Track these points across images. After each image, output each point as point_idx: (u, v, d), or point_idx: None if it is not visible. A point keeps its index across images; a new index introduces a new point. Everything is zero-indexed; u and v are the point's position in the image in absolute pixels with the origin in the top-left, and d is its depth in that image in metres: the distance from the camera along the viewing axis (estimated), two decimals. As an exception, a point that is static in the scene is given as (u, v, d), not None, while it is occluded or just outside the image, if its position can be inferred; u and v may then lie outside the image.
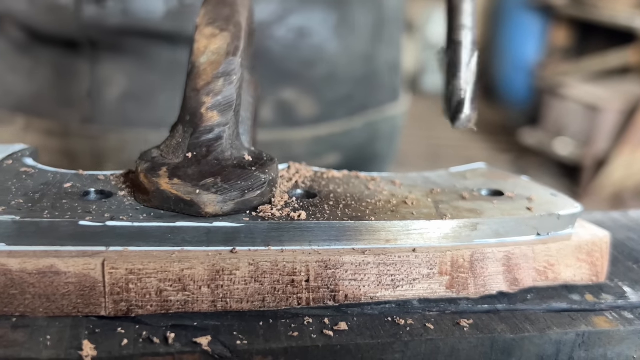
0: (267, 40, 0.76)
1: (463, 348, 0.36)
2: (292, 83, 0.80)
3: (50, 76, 0.77)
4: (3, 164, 0.42)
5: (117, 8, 0.71)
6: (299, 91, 0.81)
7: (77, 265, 0.34)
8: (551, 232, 0.43)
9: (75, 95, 0.77)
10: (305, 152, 0.84)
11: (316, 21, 0.79)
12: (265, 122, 0.79)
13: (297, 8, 0.78)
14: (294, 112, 0.82)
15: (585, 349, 0.38)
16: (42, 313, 0.35)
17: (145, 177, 0.38)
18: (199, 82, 0.39)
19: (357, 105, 0.88)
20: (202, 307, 0.36)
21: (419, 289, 0.39)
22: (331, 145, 0.86)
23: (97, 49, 0.74)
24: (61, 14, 0.72)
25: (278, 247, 0.38)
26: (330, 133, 0.85)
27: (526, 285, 0.42)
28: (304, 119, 0.83)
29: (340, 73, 0.84)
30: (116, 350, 0.32)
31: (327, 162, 0.85)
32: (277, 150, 0.76)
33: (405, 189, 0.45)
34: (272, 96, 0.79)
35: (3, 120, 0.79)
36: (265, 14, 0.76)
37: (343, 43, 0.82)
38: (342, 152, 0.87)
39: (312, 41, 0.79)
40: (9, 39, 0.77)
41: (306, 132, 0.83)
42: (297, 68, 0.80)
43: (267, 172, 0.39)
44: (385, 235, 0.39)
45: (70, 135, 0.77)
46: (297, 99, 0.81)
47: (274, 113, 0.80)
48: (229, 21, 0.41)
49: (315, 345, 0.34)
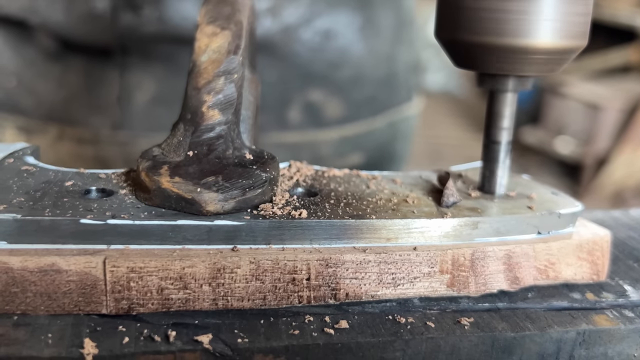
0: (295, 43, 0.78)
1: (464, 346, 0.36)
2: (319, 84, 0.82)
3: (80, 83, 0.77)
4: (4, 162, 0.42)
5: (152, 16, 0.72)
6: (326, 92, 0.82)
7: (78, 264, 0.34)
8: (552, 230, 0.43)
9: (105, 102, 0.78)
10: (332, 152, 0.85)
11: (342, 24, 0.81)
12: (294, 124, 0.81)
13: (324, 11, 0.79)
14: (322, 113, 0.83)
15: (585, 348, 0.38)
16: (43, 311, 0.35)
17: (146, 176, 0.38)
18: (200, 80, 0.39)
19: (379, 106, 0.89)
20: (203, 305, 0.36)
21: (420, 288, 0.39)
22: (356, 145, 0.88)
23: (128, 55, 0.75)
24: (97, 23, 0.73)
25: (279, 245, 0.38)
26: (356, 133, 0.87)
27: (527, 284, 0.42)
28: (331, 119, 0.84)
29: (365, 74, 0.85)
30: (117, 348, 0.32)
31: (352, 161, 0.87)
32: (306, 151, 0.80)
33: (406, 188, 0.45)
34: (300, 98, 0.81)
35: (37, 130, 0.79)
36: (293, 17, 0.77)
37: (368, 44, 0.84)
38: (365, 152, 0.89)
39: (338, 43, 0.81)
40: (41, 48, 0.77)
41: (333, 133, 0.85)
42: (323, 70, 0.81)
43: (268, 171, 0.39)
44: (386, 234, 0.39)
45: (101, 142, 0.78)
46: (324, 100, 0.82)
47: (302, 114, 0.82)
48: (229, 20, 0.41)
49: (316, 343, 0.34)
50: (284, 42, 0.77)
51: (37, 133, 0.79)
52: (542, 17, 0.39)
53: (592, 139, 2.96)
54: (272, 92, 0.79)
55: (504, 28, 0.39)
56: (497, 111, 0.44)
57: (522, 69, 0.41)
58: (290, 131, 0.82)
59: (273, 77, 0.79)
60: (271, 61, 0.78)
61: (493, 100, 0.44)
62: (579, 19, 0.40)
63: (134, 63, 0.76)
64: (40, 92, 0.79)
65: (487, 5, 0.39)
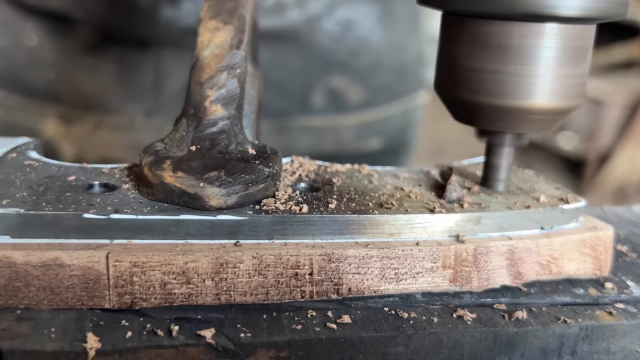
0: (317, 33, 0.82)
1: (466, 341, 0.36)
2: (341, 71, 0.85)
3: (116, 73, 0.80)
4: (7, 157, 0.42)
5: (192, 9, 0.75)
6: (347, 79, 0.86)
7: (81, 258, 0.34)
8: (555, 226, 0.43)
9: (139, 90, 0.80)
10: (352, 136, 0.90)
11: (362, 14, 0.85)
12: (317, 109, 0.86)
13: (345, 2, 0.83)
14: (343, 98, 0.87)
15: (588, 343, 0.38)
16: (46, 305, 0.35)
17: (149, 170, 0.38)
18: (202, 75, 0.39)
19: (395, 93, 0.94)
20: (206, 300, 0.36)
21: (423, 283, 0.39)
22: (375, 130, 0.92)
23: (163, 46, 0.78)
24: (139, 16, 0.76)
25: (282, 240, 0.38)
26: (375, 119, 0.91)
27: (529, 279, 0.42)
28: (352, 105, 0.88)
29: (383, 62, 0.90)
30: (120, 343, 0.32)
31: (371, 146, 0.91)
32: (329, 135, 0.85)
33: (409, 183, 0.45)
34: (323, 84, 0.84)
35: (76, 119, 0.81)
36: (317, 8, 0.81)
37: (385, 34, 0.88)
38: (383, 137, 0.93)
39: (358, 32, 0.85)
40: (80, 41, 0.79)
41: (354, 118, 0.89)
42: (344, 57, 0.85)
43: (270, 166, 0.39)
44: (388, 229, 0.39)
45: (136, 130, 0.81)
46: (345, 86, 0.86)
47: (325, 100, 0.86)
48: (232, 14, 0.41)
49: (318, 338, 0.34)
50: (308, 32, 0.82)
51: (77, 122, 0.81)
52: (539, 80, 0.40)
53: (595, 134, 2.95)
54: (296, 78, 0.83)
55: (502, 90, 0.40)
56: (494, 164, 0.45)
57: (519, 127, 0.42)
58: (314, 116, 0.86)
59: (297, 65, 0.83)
60: (295, 50, 0.82)
61: (491, 152, 0.45)
62: (576, 81, 0.41)
63: (168, 54, 0.78)
64: (78, 83, 0.81)
65: (485, 67, 0.40)
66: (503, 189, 0.45)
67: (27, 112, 0.82)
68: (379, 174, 0.46)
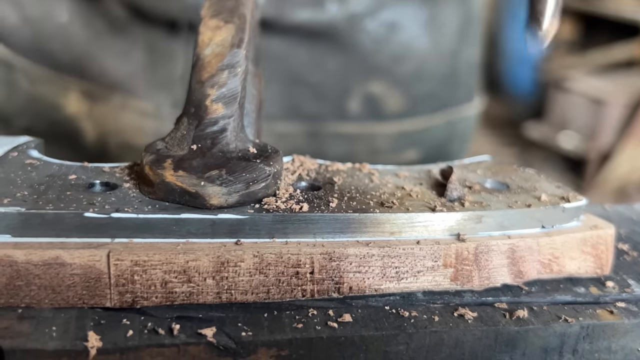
0: (359, 33, 0.77)
1: (467, 340, 0.36)
2: (381, 77, 0.81)
3: (145, 58, 0.77)
4: (8, 156, 0.42)
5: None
6: (387, 85, 0.81)
7: (82, 257, 0.34)
8: (556, 224, 0.43)
9: (168, 79, 0.78)
10: (388, 146, 0.84)
11: (407, 16, 0.80)
12: (353, 115, 0.81)
13: (390, 3, 0.78)
14: (382, 106, 0.82)
15: (589, 342, 0.38)
16: (47, 304, 0.35)
17: (150, 169, 0.38)
18: (203, 74, 0.39)
19: (439, 103, 0.88)
20: (207, 299, 0.36)
21: (423, 281, 0.39)
22: (413, 141, 0.86)
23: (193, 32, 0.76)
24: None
25: (283, 239, 0.38)
26: (414, 129, 0.86)
27: (530, 278, 0.42)
28: (390, 113, 0.83)
29: (427, 69, 0.84)
30: (121, 342, 0.32)
31: (408, 157, 0.86)
32: (363, 144, 0.80)
33: (410, 182, 0.45)
34: (361, 89, 0.80)
35: (100, 97, 0.79)
36: (360, 6, 0.76)
37: (431, 40, 0.83)
38: (422, 149, 0.88)
39: (402, 36, 0.80)
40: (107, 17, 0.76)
41: (392, 127, 0.84)
42: (386, 62, 0.80)
43: (271, 165, 0.39)
44: (389, 228, 0.39)
45: (163, 118, 0.78)
46: (384, 93, 0.81)
47: (362, 106, 0.81)
48: (233, 13, 0.41)
49: (319, 336, 0.34)
50: (349, 31, 0.77)
51: (101, 100, 0.79)
52: None
53: (596, 133, 2.95)
54: (333, 81, 0.79)
55: None
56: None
57: None
58: (349, 122, 0.81)
59: (334, 66, 0.78)
60: (334, 50, 0.78)
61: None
62: None
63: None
64: (106, 63, 0.79)
65: None
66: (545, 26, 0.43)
67: (50, 84, 0.79)
68: (379, 173, 0.46)
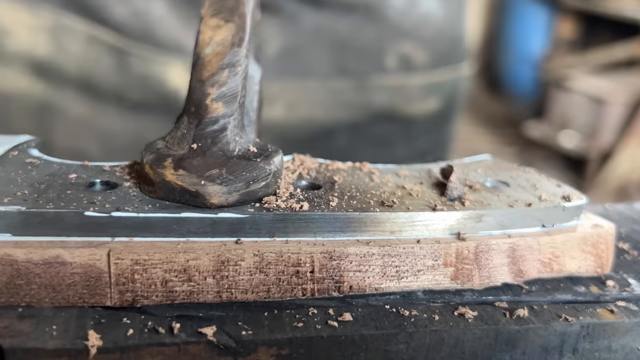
0: (387, 7, 0.98)
1: (467, 339, 0.36)
2: (409, 39, 1.01)
3: None
4: (8, 154, 0.42)
5: None
6: (415, 45, 1.02)
7: (82, 256, 0.34)
8: (556, 223, 0.43)
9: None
10: (418, 95, 1.04)
11: None
12: (389, 70, 1.01)
13: None
14: (411, 61, 1.02)
15: (589, 341, 0.38)
16: (47, 303, 0.35)
17: (150, 168, 0.38)
18: (203, 73, 0.39)
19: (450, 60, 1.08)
20: (207, 298, 0.36)
21: (424, 280, 0.39)
22: (436, 90, 1.07)
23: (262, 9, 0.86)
24: None
25: (283, 238, 0.38)
26: (435, 81, 1.06)
27: (531, 277, 0.42)
28: (418, 66, 1.03)
29: (442, 33, 1.04)
30: (122, 340, 0.32)
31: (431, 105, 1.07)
32: (397, 93, 1.04)
33: (410, 181, 0.45)
34: (395, 49, 1.01)
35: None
36: None
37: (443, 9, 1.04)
38: (442, 99, 1.07)
39: (421, 8, 1.01)
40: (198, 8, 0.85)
41: (420, 78, 1.04)
42: (411, 27, 1.01)
43: (271, 164, 0.39)
44: (389, 227, 0.39)
45: None
46: (412, 52, 1.02)
47: (396, 62, 1.01)
48: (233, 12, 0.41)
49: (319, 335, 0.34)
50: (379, 6, 0.98)
51: None
52: None
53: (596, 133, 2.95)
54: (372, 44, 1.00)
55: None
56: None
57: None
58: (385, 75, 1.02)
59: (371, 33, 0.99)
60: (368, 20, 0.98)
61: None
62: None
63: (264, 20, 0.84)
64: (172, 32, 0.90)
65: None
66: None
67: (156, 62, 0.90)
68: (380, 172, 0.46)
